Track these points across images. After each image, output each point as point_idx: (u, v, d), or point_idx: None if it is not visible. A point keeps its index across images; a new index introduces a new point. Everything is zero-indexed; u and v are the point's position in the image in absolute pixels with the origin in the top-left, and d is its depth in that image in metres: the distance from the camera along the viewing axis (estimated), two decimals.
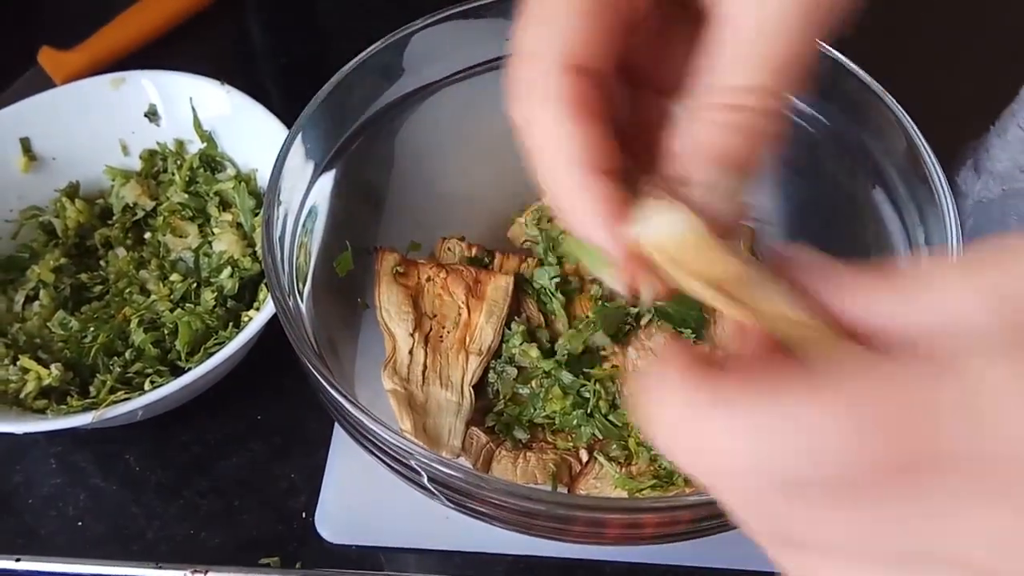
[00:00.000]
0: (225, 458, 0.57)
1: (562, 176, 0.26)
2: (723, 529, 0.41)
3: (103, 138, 0.65)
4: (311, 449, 0.56)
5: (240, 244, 0.60)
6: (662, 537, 0.41)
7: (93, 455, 0.57)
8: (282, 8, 0.86)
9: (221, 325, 0.57)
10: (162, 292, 0.58)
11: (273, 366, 0.58)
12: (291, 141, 0.50)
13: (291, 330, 0.43)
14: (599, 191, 0.26)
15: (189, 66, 0.66)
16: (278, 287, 0.45)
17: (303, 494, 0.55)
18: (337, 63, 0.53)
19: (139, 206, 0.64)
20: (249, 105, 0.63)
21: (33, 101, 0.64)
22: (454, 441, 0.49)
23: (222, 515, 0.54)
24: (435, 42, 0.55)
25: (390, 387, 0.50)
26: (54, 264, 0.61)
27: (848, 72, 0.52)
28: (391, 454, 0.41)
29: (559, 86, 0.26)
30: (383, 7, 0.82)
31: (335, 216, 0.54)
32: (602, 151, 0.26)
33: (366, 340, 0.54)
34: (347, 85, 0.53)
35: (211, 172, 0.64)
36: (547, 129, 0.26)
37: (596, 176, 0.26)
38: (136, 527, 0.54)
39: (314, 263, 0.52)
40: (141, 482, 0.56)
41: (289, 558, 0.53)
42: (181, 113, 0.65)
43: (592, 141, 0.26)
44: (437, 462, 0.39)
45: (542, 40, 0.26)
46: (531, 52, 0.26)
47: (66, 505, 0.55)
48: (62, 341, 0.57)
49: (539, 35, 0.26)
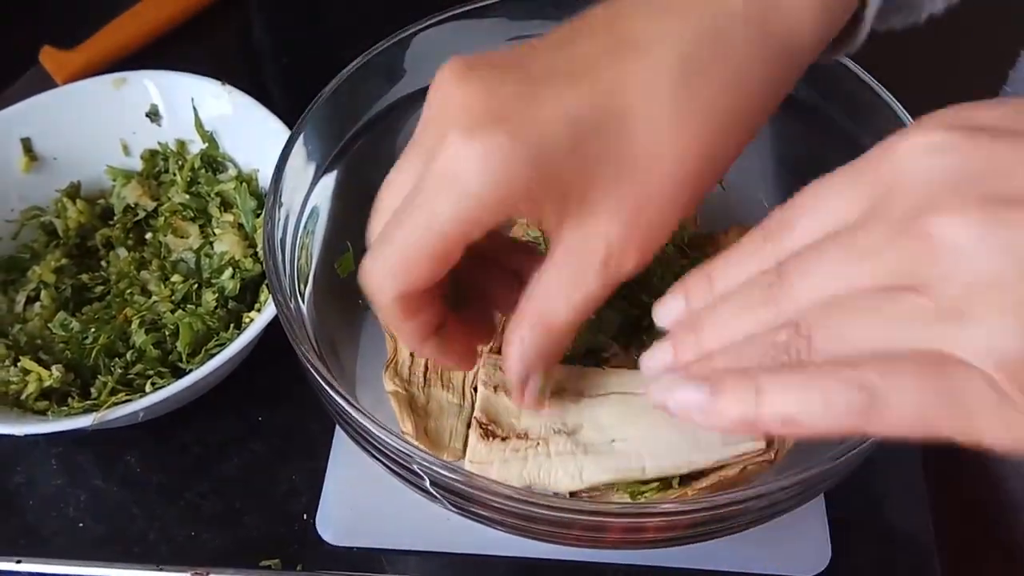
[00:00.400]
0: (226, 459, 0.57)
1: (404, 339, 0.40)
2: (724, 533, 0.41)
3: (104, 138, 0.65)
4: (312, 451, 0.56)
5: (241, 245, 0.60)
6: (663, 541, 0.41)
7: (94, 456, 0.57)
8: (284, 8, 0.86)
9: (222, 326, 0.57)
10: (163, 293, 0.58)
11: (274, 367, 0.58)
12: (293, 142, 0.50)
13: (292, 332, 0.43)
14: (428, 349, 0.41)
15: (191, 66, 0.66)
16: (279, 289, 0.45)
17: (304, 496, 0.55)
18: (339, 63, 0.53)
19: (140, 206, 0.64)
20: (251, 105, 0.63)
21: (34, 101, 0.64)
22: (456, 443, 0.49)
23: (223, 517, 0.54)
24: (437, 43, 0.55)
25: (391, 389, 0.50)
26: (55, 265, 0.60)
27: (849, 71, 0.51)
28: (393, 458, 0.41)
29: (396, 312, 0.38)
30: (386, 7, 0.82)
31: (337, 217, 0.54)
32: (423, 325, 0.39)
33: (367, 342, 0.54)
34: (349, 86, 0.53)
35: (212, 172, 0.64)
36: (391, 321, 0.39)
37: (424, 342, 0.40)
38: (137, 528, 0.54)
39: (315, 264, 0.52)
40: (142, 483, 0.56)
41: (290, 560, 0.52)
42: (182, 113, 0.65)
43: (416, 328, 0.39)
44: (439, 466, 0.39)
45: (384, 278, 0.37)
46: (377, 286, 0.37)
47: (67, 506, 0.55)
48: (63, 342, 0.57)
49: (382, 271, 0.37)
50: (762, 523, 0.41)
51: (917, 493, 0.54)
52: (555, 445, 0.44)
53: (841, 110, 0.53)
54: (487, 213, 0.35)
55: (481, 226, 0.35)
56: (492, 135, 0.34)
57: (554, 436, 0.44)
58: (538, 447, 0.44)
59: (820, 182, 0.31)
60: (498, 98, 0.35)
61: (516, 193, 0.34)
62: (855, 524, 0.53)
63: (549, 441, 0.44)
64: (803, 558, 0.51)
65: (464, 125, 0.34)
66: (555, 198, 0.35)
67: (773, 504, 0.39)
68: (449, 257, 0.36)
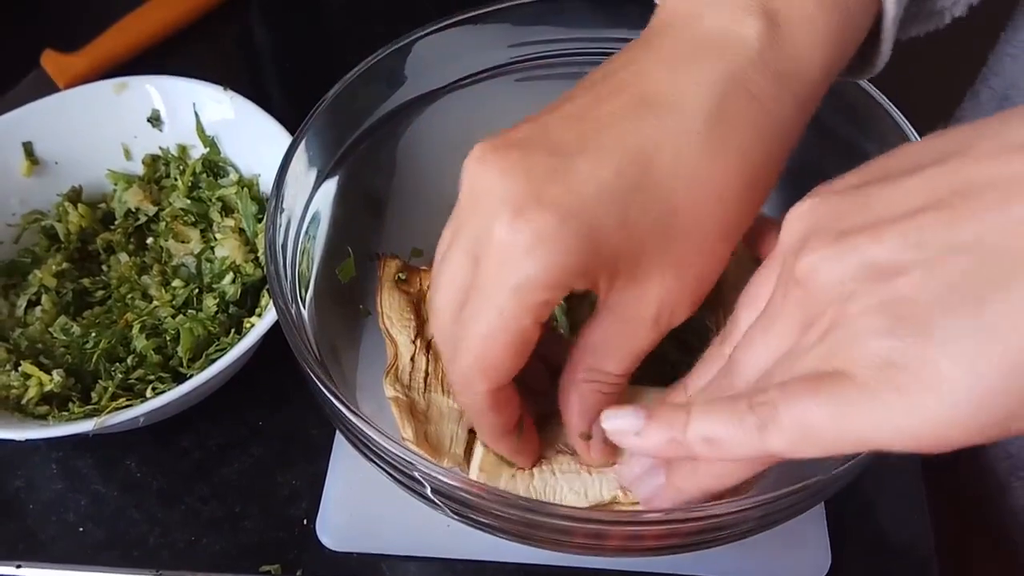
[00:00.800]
0: (226, 464, 0.57)
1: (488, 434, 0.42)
2: (725, 540, 0.41)
3: (106, 143, 0.65)
4: (313, 455, 0.56)
5: (242, 250, 0.60)
6: (663, 548, 0.41)
7: (94, 460, 0.57)
8: (287, 12, 0.86)
9: (223, 331, 0.57)
10: (164, 298, 0.58)
11: (275, 371, 0.58)
12: (294, 147, 0.50)
13: (293, 338, 0.43)
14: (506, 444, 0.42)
15: (193, 70, 0.66)
16: (280, 295, 0.45)
17: (304, 501, 0.55)
18: (342, 68, 0.53)
19: (141, 211, 0.64)
20: (252, 110, 0.63)
21: (36, 105, 0.64)
22: (456, 449, 0.49)
23: (223, 522, 0.54)
24: (439, 49, 0.55)
25: (392, 394, 0.50)
26: (56, 269, 0.60)
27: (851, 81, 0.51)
28: (394, 465, 0.41)
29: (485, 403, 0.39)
30: (388, 12, 0.82)
31: (338, 222, 0.54)
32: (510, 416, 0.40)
33: (368, 347, 0.54)
34: (350, 91, 0.53)
35: (214, 177, 0.64)
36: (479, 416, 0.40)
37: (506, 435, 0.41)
38: (137, 533, 0.54)
39: (316, 270, 0.52)
40: (142, 488, 0.56)
41: (290, 566, 0.52)
42: (184, 118, 0.65)
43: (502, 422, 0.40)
44: (441, 473, 0.39)
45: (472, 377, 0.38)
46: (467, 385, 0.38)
47: (67, 511, 0.55)
48: (64, 347, 0.57)
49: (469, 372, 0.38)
50: (762, 531, 0.41)
51: (917, 500, 0.54)
52: (560, 464, 0.44)
53: (842, 118, 0.53)
54: (549, 294, 0.35)
55: (548, 307, 0.36)
56: (539, 218, 0.34)
57: (558, 456, 0.44)
58: (543, 465, 0.44)
59: (745, 287, 0.36)
60: (535, 178, 0.35)
61: (572, 271, 0.35)
62: (855, 531, 0.53)
63: (554, 460, 0.44)
64: (803, 565, 0.51)
65: (507, 212, 0.35)
66: (607, 268, 0.36)
67: (773, 513, 0.39)
68: (528, 345, 0.36)
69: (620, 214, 0.35)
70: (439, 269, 0.38)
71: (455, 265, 0.37)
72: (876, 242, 0.29)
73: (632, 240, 0.36)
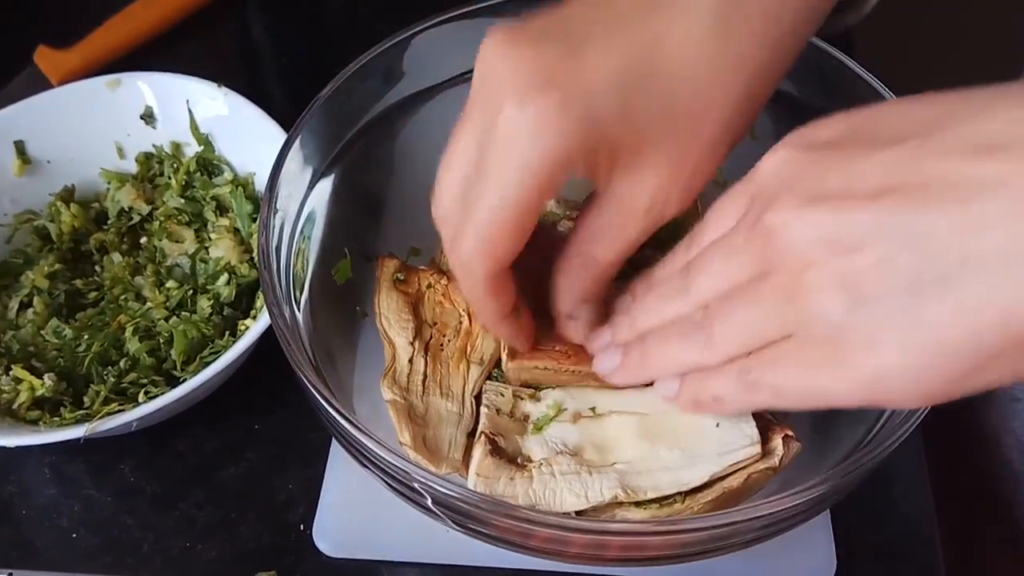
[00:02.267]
0: (222, 468, 0.56)
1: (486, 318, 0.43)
2: (728, 550, 0.40)
3: (98, 141, 0.64)
4: (309, 459, 0.55)
5: (237, 250, 0.59)
6: (664, 558, 0.40)
7: (87, 465, 0.56)
8: (282, 7, 0.85)
9: (217, 334, 0.56)
10: (158, 299, 0.57)
11: (270, 374, 0.57)
12: (289, 145, 0.49)
13: (288, 345, 0.42)
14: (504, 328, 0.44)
15: (188, 66, 0.65)
16: (274, 302, 0.44)
17: (301, 506, 0.54)
18: (339, 64, 0.52)
19: (135, 210, 0.63)
20: (246, 107, 0.62)
21: (27, 103, 0.63)
22: (455, 454, 0.48)
23: (218, 527, 0.53)
24: (437, 44, 0.54)
25: (389, 398, 0.49)
26: (48, 270, 0.60)
27: (851, 71, 0.51)
28: (393, 475, 0.40)
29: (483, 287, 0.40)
30: (386, 7, 0.81)
31: (334, 222, 0.53)
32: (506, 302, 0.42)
33: (365, 349, 0.53)
34: (347, 88, 0.52)
35: (208, 176, 0.63)
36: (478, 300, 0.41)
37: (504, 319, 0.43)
38: (131, 539, 0.53)
39: (312, 271, 0.51)
40: (136, 493, 0.55)
41: (287, 572, 0.52)
42: (178, 115, 0.64)
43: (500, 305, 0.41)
44: (442, 485, 0.38)
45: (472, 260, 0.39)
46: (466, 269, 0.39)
47: (60, 516, 0.54)
48: (56, 349, 0.56)
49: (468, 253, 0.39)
50: (766, 540, 0.41)
51: (924, 505, 0.54)
52: (559, 465, 0.43)
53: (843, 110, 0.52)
54: (551, 176, 0.36)
55: (549, 190, 0.37)
56: (544, 101, 0.35)
57: (557, 457, 0.43)
58: (542, 467, 0.43)
59: (717, 201, 0.38)
60: (545, 63, 0.36)
61: (574, 154, 0.36)
62: (861, 536, 0.52)
63: (553, 461, 0.43)
64: (808, 570, 0.50)
65: (515, 94, 0.36)
66: (607, 153, 0.38)
67: (775, 523, 0.39)
68: (527, 226, 0.38)
69: (623, 103, 0.36)
70: (448, 150, 0.40)
71: (463, 145, 0.39)
72: (842, 215, 0.31)
73: (633, 129, 0.37)
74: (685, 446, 0.43)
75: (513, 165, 0.36)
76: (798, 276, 0.32)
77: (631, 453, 0.43)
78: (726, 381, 0.37)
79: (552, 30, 0.37)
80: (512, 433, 0.45)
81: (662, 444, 0.43)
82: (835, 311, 0.31)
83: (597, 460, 0.43)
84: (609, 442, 0.44)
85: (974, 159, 0.29)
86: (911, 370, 0.31)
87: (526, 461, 0.44)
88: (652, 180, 0.38)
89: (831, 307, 0.31)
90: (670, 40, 0.37)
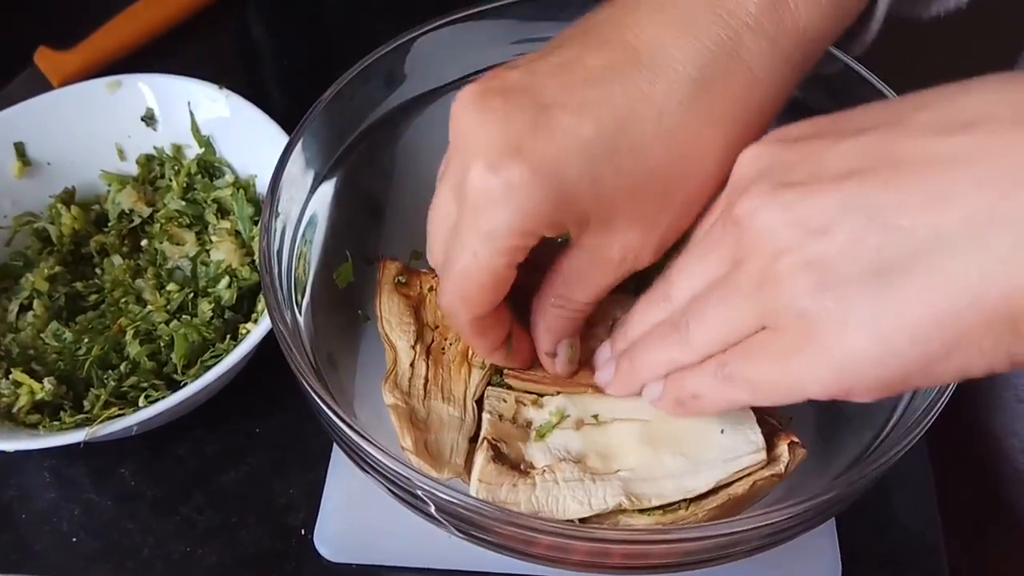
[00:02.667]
0: (222, 472, 0.56)
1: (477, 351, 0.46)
2: (729, 559, 0.40)
3: (99, 143, 0.64)
4: (310, 463, 0.55)
5: (238, 253, 0.59)
6: (667, 567, 0.40)
7: (87, 469, 0.56)
8: (284, 9, 0.84)
9: (218, 337, 0.56)
10: (158, 302, 0.57)
11: (271, 378, 0.57)
12: (291, 148, 0.49)
13: (289, 349, 0.42)
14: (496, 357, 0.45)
15: (189, 67, 0.65)
16: (276, 306, 0.44)
17: (302, 510, 0.54)
18: (340, 65, 0.52)
19: (136, 213, 0.63)
20: (248, 109, 0.61)
21: (27, 105, 0.63)
22: (457, 459, 0.48)
23: (219, 532, 0.53)
24: (440, 46, 0.54)
25: (391, 402, 0.49)
26: (48, 272, 0.59)
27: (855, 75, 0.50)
28: (395, 481, 0.39)
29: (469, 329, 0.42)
30: (387, 10, 0.81)
31: (335, 226, 0.53)
32: (494, 339, 0.43)
33: (367, 353, 0.53)
34: (348, 91, 0.51)
35: (209, 178, 0.63)
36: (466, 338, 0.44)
37: (493, 352, 0.44)
38: (131, 543, 0.53)
39: (313, 274, 0.51)
40: (136, 497, 0.55)
41: None
42: (179, 117, 0.64)
43: (488, 343, 0.43)
44: (446, 493, 0.38)
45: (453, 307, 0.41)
46: (451, 314, 0.41)
47: (60, 520, 0.54)
48: (56, 353, 0.56)
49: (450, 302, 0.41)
50: (770, 548, 0.40)
51: (928, 511, 0.53)
52: (562, 472, 0.43)
53: None
54: (519, 244, 0.37)
55: (520, 252, 0.38)
56: (512, 170, 0.36)
57: (560, 464, 0.43)
58: (545, 474, 0.43)
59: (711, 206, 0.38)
60: (515, 129, 0.36)
61: (542, 224, 0.37)
62: (865, 543, 0.52)
63: (556, 468, 0.43)
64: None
65: (484, 160, 0.36)
66: (576, 219, 0.38)
67: (780, 531, 0.38)
68: (502, 282, 0.39)
69: (594, 172, 0.36)
70: (433, 203, 0.41)
71: (442, 200, 0.40)
72: (809, 198, 0.31)
73: (603, 197, 0.37)
74: (689, 453, 0.43)
75: (481, 233, 0.37)
76: (769, 263, 0.32)
77: (635, 460, 0.43)
78: (704, 378, 0.36)
79: (524, 91, 0.37)
80: (515, 439, 0.45)
81: (666, 451, 0.43)
82: (803, 296, 0.31)
83: (600, 467, 0.43)
84: (612, 449, 0.44)
85: (944, 136, 0.29)
86: (881, 355, 0.30)
87: (529, 468, 0.43)
88: (623, 240, 0.39)
89: (799, 292, 0.31)
90: (646, 108, 0.36)
